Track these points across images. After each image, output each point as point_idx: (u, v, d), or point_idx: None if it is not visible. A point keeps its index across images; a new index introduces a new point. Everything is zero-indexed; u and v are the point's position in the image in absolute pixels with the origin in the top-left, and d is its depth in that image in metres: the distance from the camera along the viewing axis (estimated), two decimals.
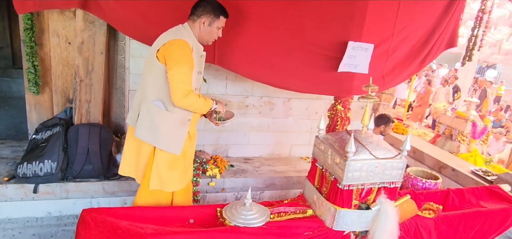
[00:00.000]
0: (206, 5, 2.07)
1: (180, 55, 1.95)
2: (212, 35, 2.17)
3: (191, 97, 1.99)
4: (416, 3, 2.97)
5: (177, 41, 1.97)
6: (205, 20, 2.08)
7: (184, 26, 2.10)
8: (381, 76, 3.21)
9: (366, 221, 2.08)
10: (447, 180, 3.97)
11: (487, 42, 7.84)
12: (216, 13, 2.09)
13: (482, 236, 2.54)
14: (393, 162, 2.04)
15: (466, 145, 5.84)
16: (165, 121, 2.08)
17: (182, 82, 1.95)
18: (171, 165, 2.15)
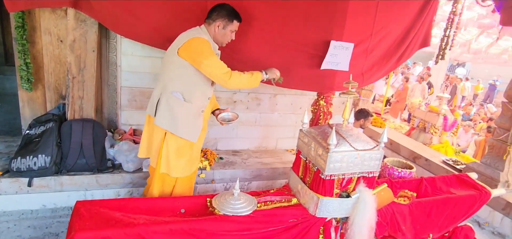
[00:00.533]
0: (221, 10, 2.17)
1: (206, 48, 2.08)
2: (226, 38, 2.25)
3: (236, 75, 2.16)
4: (393, 6, 3.01)
5: (198, 38, 2.09)
6: (220, 24, 2.17)
7: (201, 27, 2.19)
8: (361, 73, 3.25)
9: (347, 208, 2.11)
10: (421, 169, 4.06)
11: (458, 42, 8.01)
12: (230, 17, 2.19)
13: (452, 220, 2.61)
14: (371, 153, 2.07)
15: (438, 137, 5.98)
16: (183, 111, 2.18)
17: (218, 68, 2.10)
18: (178, 152, 2.23)
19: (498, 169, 3.28)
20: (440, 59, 4.07)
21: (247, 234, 1.97)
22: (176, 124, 2.17)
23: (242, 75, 2.20)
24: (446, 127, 5.99)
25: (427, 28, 3.49)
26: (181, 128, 2.18)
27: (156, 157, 2.26)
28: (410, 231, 2.44)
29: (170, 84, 2.16)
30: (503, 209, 3.18)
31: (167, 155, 2.21)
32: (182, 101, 2.16)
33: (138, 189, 2.87)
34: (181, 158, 2.26)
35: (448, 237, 2.70)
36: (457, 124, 6.51)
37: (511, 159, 3.27)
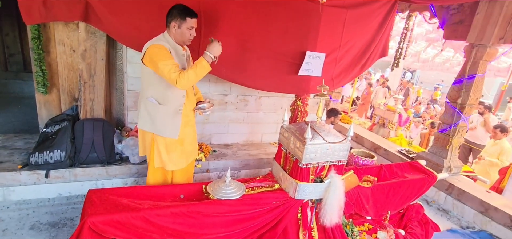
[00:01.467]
0: (172, 11, 1.99)
1: (158, 54, 1.89)
2: (185, 36, 2.04)
3: (185, 75, 1.89)
4: (357, 23, 3.06)
5: (152, 45, 1.92)
6: (175, 24, 1.98)
7: (163, 34, 2.04)
8: (331, 78, 3.28)
9: (320, 191, 2.13)
10: (380, 158, 4.14)
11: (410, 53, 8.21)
12: (182, 15, 1.97)
13: (406, 199, 2.68)
14: (340, 145, 2.10)
15: (394, 131, 6.11)
16: (160, 113, 2.05)
17: (169, 71, 1.86)
18: (168, 148, 2.13)
19: (442, 157, 3.38)
20: (395, 67, 4.17)
21: (237, 214, 1.96)
22: (156, 126, 2.06)
23: (192, 71, 1.91)
24: (401, 123, 6.13)
25: (385, 41, 3.56)
26: (161, 128, 2.07)
27: (150, 154, 2.18)
28: (372, 209, 2.49)
29: (145, 91, 2.06)
30: (446, 190, 3.29)
31: (158, 151, 2.12)
32: (157, 105, 2.04)
33: (143, 178, 2.81)
34: (172, 153, 2.15)
35: (403, 213, 2.77)
36: (410, 120, 6.68)
37: (452, 148, 3.37)
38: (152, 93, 2.04)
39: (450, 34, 3.42)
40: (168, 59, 1.89)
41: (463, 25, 3.25)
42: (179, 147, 2.18)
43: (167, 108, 2.05)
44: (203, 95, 3.41)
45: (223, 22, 2.55)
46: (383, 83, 9.31)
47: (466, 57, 3.23)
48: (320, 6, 2.68)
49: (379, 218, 2.56)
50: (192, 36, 2.06)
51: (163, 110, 2.05)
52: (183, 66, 2.07)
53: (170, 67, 1.86)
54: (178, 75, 1.86)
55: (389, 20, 3.34)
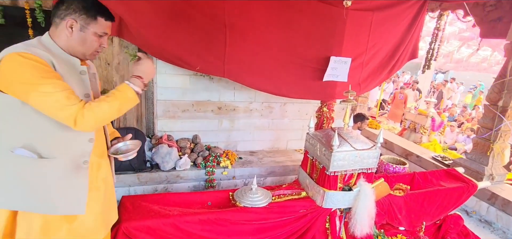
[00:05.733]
0: (73, 1, 1.15)
1: (30, 71, 1.03)
2: (90, 45, 1.21)
3: (94, 109, 1.10)
4: (384, 25, 2.96)
5: (10, 56, 1.03)
6: (73, 23, 1.15)
7: (40, 38, 1.19)
8: (358, 83, 3.19)
9: (349, 200, 2.06)
10: (413, 165, 3.93)
11: (441, 53, 7.78)
12: (90, 12, 1.17)
13: (442, 210, 2.51)
14: (369, 152, 2.02)
15: (427, 136, 5.79)
16: (43, 173, 1.13)
17: (60, 102, 1.05)
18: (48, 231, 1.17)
19: (483, 164, 3.13)
20: (426, 69, 3.96)
21: (264, 223, 1.95)
22: (35, 197, 1.13)
23: (103, 104, 1.12)
24: (434, 127, 5.80)
25: (414, 42, 3.41)
26: (48, 200, 1.15)
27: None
28: (405, 219, 2.36)
29: (3, 138, 1.10)
30: (488, 199, 3.03)
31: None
32: (36, 160, 1.11)
33: (172, 185, 2.89)
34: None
35: (440, 224, 2.59)
36: (444, 124, 6.30)
37: (494, 154, 3.12)
38: (21, 140, 1.10)
39: (487, 32, 3.20)
40: (53, 81, 1.06)
41: (502, 22, 3.02)
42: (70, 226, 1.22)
43: (58, 163, 1.15)
44: (228, 103, 3.50)
45: (248, 31, 2.57)
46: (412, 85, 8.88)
47: (506, 56, 2.99)
48: (345, 10, 2.62)
49: (414, 229, 2.42)
50: (101, 49, 1.26)
51: (51, 167, 1.14)
52: (87, 91, 1.22)
53: (61, 95, 1.05)
54: (79, 110, 1.07)
55: (419, 21, 3.19)
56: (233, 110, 3.44)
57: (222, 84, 3.25)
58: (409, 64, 4.22)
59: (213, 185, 2.97)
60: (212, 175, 2.94)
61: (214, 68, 2.69)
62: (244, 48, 2.62)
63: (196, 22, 2.45)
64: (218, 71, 2.68)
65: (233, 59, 2.62)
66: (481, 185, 2.69)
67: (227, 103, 3.38)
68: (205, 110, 3.32)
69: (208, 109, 3.33)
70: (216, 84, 3.25)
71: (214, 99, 3.32)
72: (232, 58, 2.59)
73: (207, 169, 2.93)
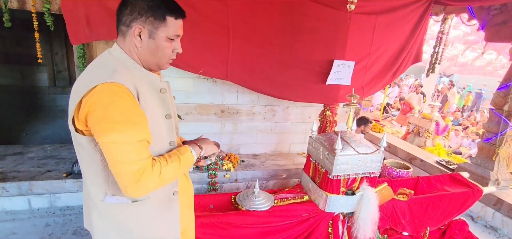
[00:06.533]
0: (137, 2, 0.96)
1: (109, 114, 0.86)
2: (162, 53, 1.02)
3: (152, 175, 0.93)
4: (388, 28, 2.95)
5: (100, 88, 0.87)
6: (141, 30, 0.97)
7: (111, 51, 1.01)
8: (361, 87, 3.18)
9: (352, 204, 2.04)
10: (417, 169, 3.89)
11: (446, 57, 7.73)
12: (158, 12, 0.96)
13: (447, 215, 2.48)
14: (372, 156, 2.00)
15: (431, 140, 5.74)
16: (137, 216, 1.06)
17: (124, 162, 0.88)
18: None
19: (488, 169, 3.09)
20: (430, 72, 3.94)
21: (266, 226, 1.94)
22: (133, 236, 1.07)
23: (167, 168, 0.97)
24: (439, 131, 5.75)
25: (418, 46, 3.39)
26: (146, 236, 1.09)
27: None
28: (409, 224, 2.33)
29: (93, 186, 1.02)
30: (494, 205, 2.99)
31: None
32: (130, 205, 1.03)
33: None
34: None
35: (444, 230, 2.55)
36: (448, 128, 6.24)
37: (500, 159, 3.08)
38: (113, 187, 1.00)
39: (492, 36, 3.17)
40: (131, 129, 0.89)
41: (507, 26, 3.00)
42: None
43: (150, 203, 1.07)
44: (231, 106, 3.50)
45: (251, 35, 2.58)
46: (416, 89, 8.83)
47: (511, 60, 2.96)
48: (348, 14, 2.62)
49: (418, 234, 2.39)
50: (175, 55, 1.08)
51: (144, 209, 1.06)
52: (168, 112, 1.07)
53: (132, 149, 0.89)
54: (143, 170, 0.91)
55: (423, 24, 3.18)
56: (236, 113, 3.44)
57: (225, 87, 3.25)
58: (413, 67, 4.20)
59: (216, 188, 2.96)
60: (214, 178, 2.94)
61: (217, 71, 2.70)
62: (247, 52, 2.63)
63: (200, 26, 2.46)
64: (221, 74, 2.69)
65: (236, 62, 2.63)
66: (487, 190, 2.65)
67: (230, 106, 3.39)
68: (208, 113, 3.33)
69: (211, 112, 3.34)
70: (219, 87, 3.26)
71: (217, 102, 3.32)
72: (235, 61, 2.60)
73: (209, 172, 2.93)
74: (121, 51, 0.99)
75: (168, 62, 1.07)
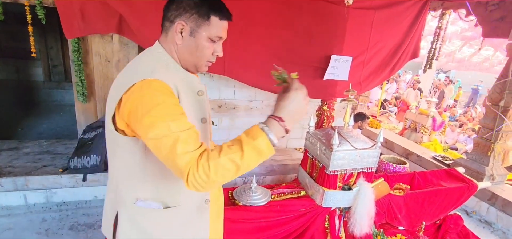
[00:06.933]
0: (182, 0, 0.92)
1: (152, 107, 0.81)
2: (201, 53, 0.96)
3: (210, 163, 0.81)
4: (386, 24, 2.95)
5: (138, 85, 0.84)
6: (183, 26, 0.92)
7: (151, 50, 0.99)
8: (359, 82, 3.18)
9: (349, 199, 2.05)
10: (413, 164, 3.92)
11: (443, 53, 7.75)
12: (202, 9, 0.92)
13: (442, 210, 2.50)
14: (369, 151, 2.01)
15: (428, 136, 5.78)
16: (169, 223, 1.00)
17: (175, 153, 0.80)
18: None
19: (483, 164, 3.12)
20: (428, 68, 3.95)
21: (263, 221, 1.94)
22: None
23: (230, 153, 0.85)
24: (435, 127, 5.78)
25: (416, 41, 3.39)
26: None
27: None
28: (405, 219, 2.36)
29: (126, 189, 0.97)
30: (489, 200, 3.02)
31: None
32: (162, 211, 0.98)
33: None
34: None
35: (440, 224, 2.58)
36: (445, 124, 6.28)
37: (495, 155, 3.11)
38: (146, 191, 0.97)
39: (489, 32, 3.18)
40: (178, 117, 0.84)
41: (505, 21, 3.00)
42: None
43: (183, 211, 1.02)
44: (228, 101, 3.48)
45: (248, 29, 2.57)
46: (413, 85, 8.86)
47: (508, 55, 2.98)
48: (346, 9, 2.61)
49: (413, 229, 2.41)
50: (215, 58, 1.02)
51: (176, 217, 1.01)
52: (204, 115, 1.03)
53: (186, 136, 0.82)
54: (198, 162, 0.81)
55: (420, 20, 3.18)
56: (233, 109, 3.44)
57: (222, 82, 3.24)
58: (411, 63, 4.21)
59: None
60: None
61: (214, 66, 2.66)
62: (245, 47, 2.61)
63: None
64: (219, 69, 2.68)
65: (233, 57, 2.61)
66: (482, 185, 2.67)
67: (227, 101, 3.38)
68: None
69: None
70: (216, 82, 3.25)
71: (214, 97, 3.32)
72: (232, 56, 2.59)
73: None
74: (161, 49, 0.97)
75: (207, 64, 1.01)
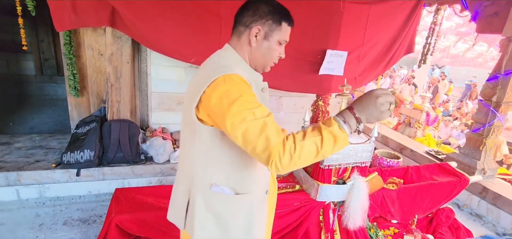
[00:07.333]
0: (260, 5, 1.04)
1: (235, 98, 0.89)
2: (271, 55, 1.08)
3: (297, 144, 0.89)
4: (381, 18, 2.95)
5: (222, 79, 0.92)
6: (259, 30, 1.03)
7: (225, 49, 1.08)
8: (354, 77, 3.20)
9: (343, 193, 2.07)
10: (407, 159, 3.96)
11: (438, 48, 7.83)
12: (276, 16, 1.04)
13: (434, 203, 2.54)
14: (363, 146, 2.03)
15: (422, 131, 5.84)
16: (237, 209, 1.08)
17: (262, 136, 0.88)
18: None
19: (475, 158, 3.17)
20: (422, 63, 3.98)
21: None
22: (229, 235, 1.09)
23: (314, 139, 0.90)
24: (429, 122, 5.85)
25: (411, 36, 3.41)
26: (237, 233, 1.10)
27: None
28: (398, 212, 2.39)
29: (203, 174, 1.05)
30: (479, 193, 3.08)
31: None
32: (232, 197, 1.07)
33: (166, 177, 2.89)
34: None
35: (432, 217, 2.63)
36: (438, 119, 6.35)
37: (486, 149, 3.16)
38: (219, 176, 1.05)
39: (483, 27, 3.20)
40: (261, 106, 0.93)
41: (499, 17, 3.02)
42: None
43: (250, 198, 1.09)
44: None
45: None
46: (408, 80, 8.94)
47: (501, 51, 3.01)
48: (342, 3, 2.61)
49: (406, 222, 2.45)
50: (278, 59, 1.13)
51: (244, 203, 1.09)
52: None
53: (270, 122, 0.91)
54: (284, 144, 0.88)
55: (416, 15, 3.19)
56: None
57: None
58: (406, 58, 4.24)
59: None
60: None
61: None
62: None
63: (191, 13, 2.42)
64: None
65: None
66: (473, 179, 2.72)
67: None
68: None
69: None
70: None
71: None
72: None
73: None
74: (233, 51, 1.07)
75: (271, 65, 1.13)
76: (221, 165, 1.04)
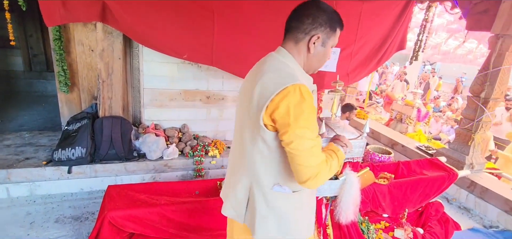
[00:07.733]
0: (319, 13, 1.07)
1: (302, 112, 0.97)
2: (324, 59, 1.16)
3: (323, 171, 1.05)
4: (373, 16, 2.98)
5: (292, 89, 0.97)
6: (319, 38, 1.08)
7: (283, 54, 1.11)
8: (346, 73, 3.23)
9: (335, 189, 2.09)
10: (398, 154, 4.03)
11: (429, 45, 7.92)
12: (332, 23, 1.10)
13: (424, 197, 2.60)
14: (355, 141, 2.05)
15: (413, 126, 5.93)
16: (296, 206, 1.18)
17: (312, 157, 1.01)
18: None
19: (464, 153, 3.25)
20: (414, 60, 4.03)
21: None
22: (287, 228, 1.17)
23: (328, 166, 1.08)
24: (420, 118, 5.94)
25: (403, 33, 3.45)
26: (295, 229, 1.19)
27: None
28: (389, 207, 2.44)
29: (265, 174, 1.12)
30: (468, 187, 3.16)
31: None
32: (291, 195, 1.15)
33: (159, 174, 2.88)
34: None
35: (422, 211, 2.69)
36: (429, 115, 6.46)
37: (475, 144, 3.24)
38: (282, 178, 1.12)
39: (473, 24, 3.26)
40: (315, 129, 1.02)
41: (488, 14, 3.08)
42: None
43: (304, 194, 1.19)
44: (217, 92, 3.47)
45: (236, 19, 2.55)
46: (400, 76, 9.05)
47: (490, 48, 3.07)
48: (334, 2, 2.62)
49: (396, 216, 2.50)
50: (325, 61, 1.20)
51: (299, 200, 1.18)
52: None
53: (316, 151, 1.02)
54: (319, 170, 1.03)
55: (407, 12, 3.23)
56: (222, 100, 3.43)
57: (211, 73, 3.22)
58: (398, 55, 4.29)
59: (202, 174, 2.98)
60: (200, 164, 2.95)
61: (202, 57, 2.66)
62: (233, 37, 2.60)
63: (184, 8, 2.41)
64: (206, 60, 2.66)
65: (221, 47, 2.60)
66: (462, 173, 2.79)
67: (215, 92, 3.37)
68: (194, 100, 3.30)
69: (197, 98, 3.31)
70: (205, 73, 3.22)
71: (203, 88, 3.29)
72: (220, 46, 2.57)
73: (195, 158, 2.94)
74: (291, 56, 1.11)
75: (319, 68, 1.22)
76: (280, 166, 1.10)
